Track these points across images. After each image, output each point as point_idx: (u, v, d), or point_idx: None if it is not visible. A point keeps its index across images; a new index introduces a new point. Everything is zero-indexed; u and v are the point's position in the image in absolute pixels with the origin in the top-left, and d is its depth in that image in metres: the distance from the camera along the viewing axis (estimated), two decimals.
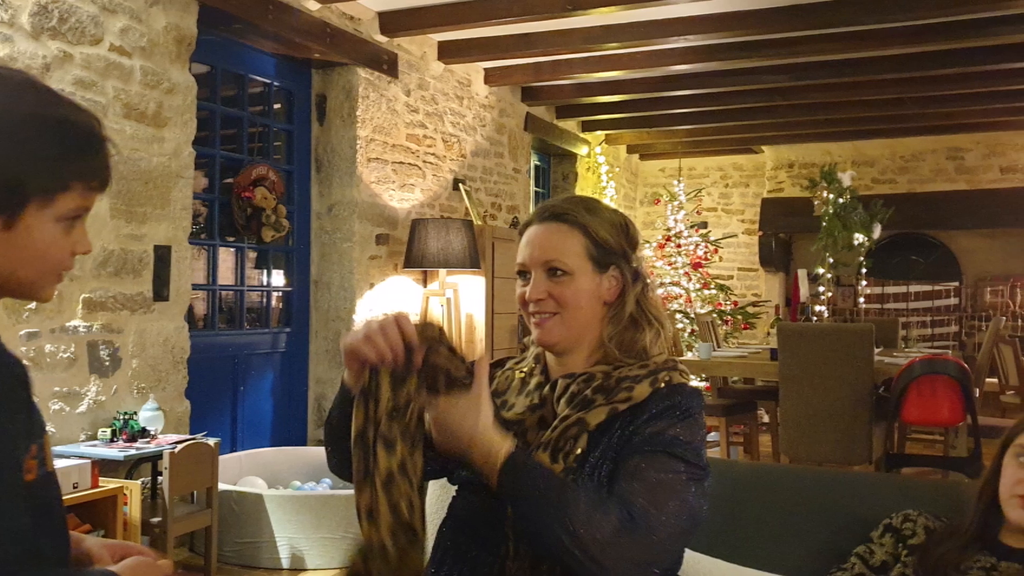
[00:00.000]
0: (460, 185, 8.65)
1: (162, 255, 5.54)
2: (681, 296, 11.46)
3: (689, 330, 10.87)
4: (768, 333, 12.17)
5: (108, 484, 4.68)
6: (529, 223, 2.11)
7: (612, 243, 2.05)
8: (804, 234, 12.54)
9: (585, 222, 2.04)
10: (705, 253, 11.86)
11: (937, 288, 13.14)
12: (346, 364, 1.83)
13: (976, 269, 12.95)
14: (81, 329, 5.04)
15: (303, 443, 7.16)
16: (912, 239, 12.97)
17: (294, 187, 7.20)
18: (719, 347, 9.44)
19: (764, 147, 13.75)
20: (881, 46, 7.90)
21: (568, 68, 8.90)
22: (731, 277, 13.79)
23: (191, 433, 5.65)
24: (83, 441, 5.01)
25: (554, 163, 11.87)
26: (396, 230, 7.69)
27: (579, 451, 1.92)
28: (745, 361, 7.89)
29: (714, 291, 11.85)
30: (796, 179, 13.54)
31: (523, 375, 2.15)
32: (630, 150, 13.91)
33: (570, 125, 11.41)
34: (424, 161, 8.14)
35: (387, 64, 7.51)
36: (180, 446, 4.94)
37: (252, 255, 7.04)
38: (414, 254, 7.33)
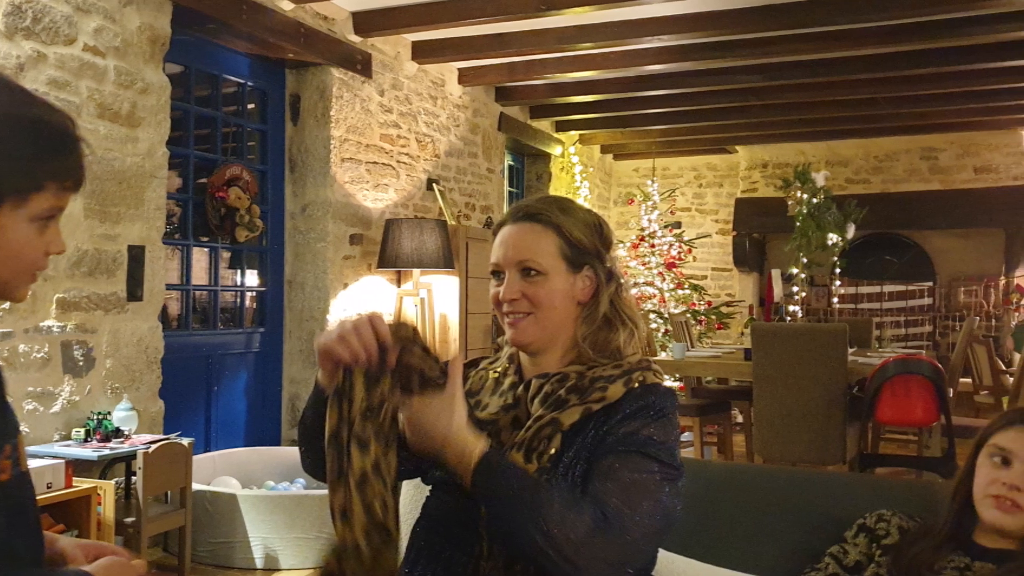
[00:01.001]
0: (434, 185, 8.64)
1: (136, 255, 5.52)
2: (655, 296, 11.49)
3: (663, 330, 10.89)
4: (742, 333, 12.21)
5: (82, 484, 4.66)
6: (503, 223, 2.11)
7: (586, 243, 2.05)
8: (778, 234, 12.57)
9: (559, 222, 2.04)
10: (679, 253, 11.89)
11: (911, 288, 13.20)
12: (320, 364, 1.82)
13: (950, 269, 13.02)
14: (55, 329, 5.02)
15: (277, 443, 7.14)
16: (886, 239, 13.02)
17: (268, 187, 7.18)
18: (693, 347, 9.47)
19: (738, 147, 13.79)
20: (855, 46, 7.93)
21: (542, 68, 8.90)
22: (705, 277, 13.82)
23: (165, 433, 5.63)
24: (57, 441, 4.98)
25: (528, 163, 11.86)
26: (370, 230, 7.68)
27: (553, 451, 1.92)
28: (719, 361, 7.90)
29: (688, 291, 11.88)
30: (770, 179, 13.58)
31: (497, 375, 2.15)
32: (604, 150, 13.92)
33: (544, 125, 11.41)
34: (398, 161, 8.13)
35: (361, 64, 7.50)
36: (154, 446, 4.93)
37: (226, 255, 7.01)
38: (388, 254, 7.32)
